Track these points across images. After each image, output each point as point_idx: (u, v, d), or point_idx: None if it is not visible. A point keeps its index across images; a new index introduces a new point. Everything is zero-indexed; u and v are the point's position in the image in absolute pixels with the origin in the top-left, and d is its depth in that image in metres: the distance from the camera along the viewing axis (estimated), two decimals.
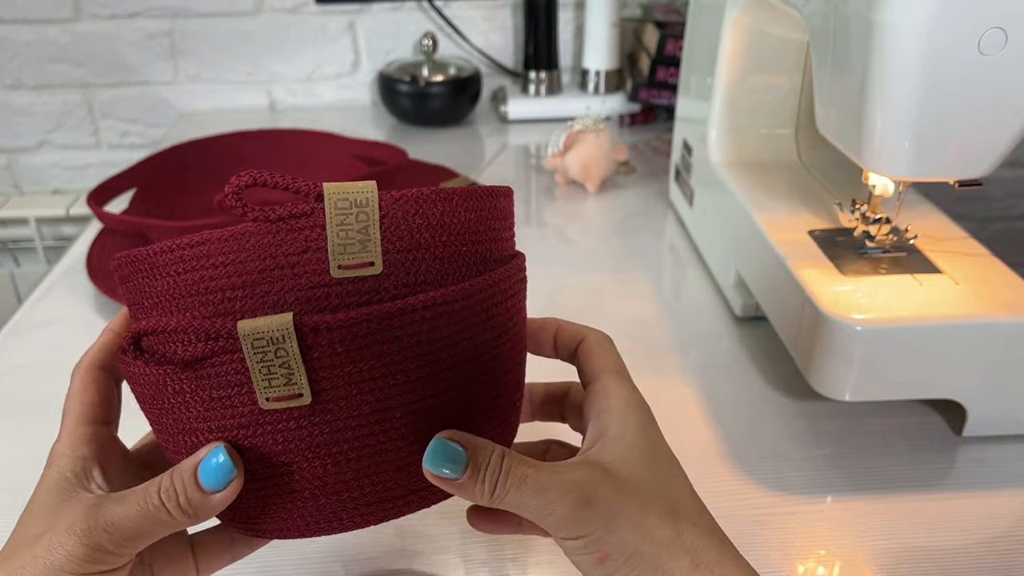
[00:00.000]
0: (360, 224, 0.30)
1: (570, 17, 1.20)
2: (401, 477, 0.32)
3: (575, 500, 0.31)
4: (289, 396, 0.30)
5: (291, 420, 0.30)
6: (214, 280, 0.30)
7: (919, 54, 0.45)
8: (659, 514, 0.31)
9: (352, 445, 0.31)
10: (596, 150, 0.90)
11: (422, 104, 1.11)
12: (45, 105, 1.18)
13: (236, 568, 0.47)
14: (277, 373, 0.29)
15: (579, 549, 0.31)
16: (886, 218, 0.59)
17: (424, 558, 0.47)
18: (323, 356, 0.29)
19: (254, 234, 0.30)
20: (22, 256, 1.27)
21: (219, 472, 0.30)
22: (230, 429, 0.31)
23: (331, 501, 0.32)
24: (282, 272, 0.30)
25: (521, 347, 0.36)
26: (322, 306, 0.30)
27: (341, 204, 0.30)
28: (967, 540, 0.48)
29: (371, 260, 0.30)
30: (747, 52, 0.71)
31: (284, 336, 0.29)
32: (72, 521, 0.30)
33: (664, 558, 0.31)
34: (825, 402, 0.58)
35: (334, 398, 0.30)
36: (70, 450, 0.33)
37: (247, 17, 1.15)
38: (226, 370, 0.30)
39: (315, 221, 0.30)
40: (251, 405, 0.30)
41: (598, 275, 0.77)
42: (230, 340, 0.29)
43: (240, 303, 0.30)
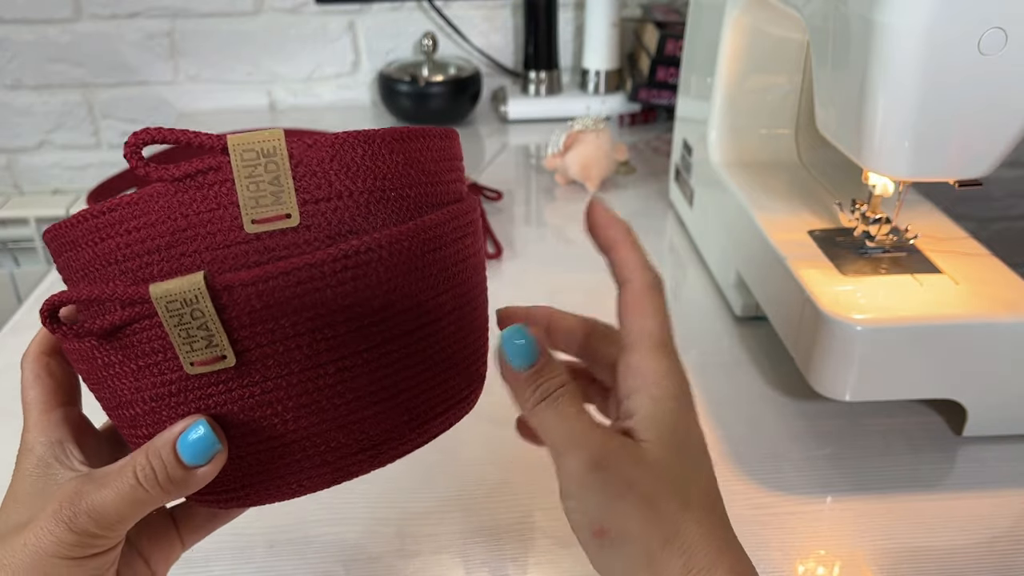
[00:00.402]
0: (270, 175, 0.28)
1: (570, 17, 1.20)
2: (344, 436, 0.31)
3: (590, 460, 0.30)
4: (213, 359, 0.28)
5: (219, 384, 0.29)
6: (129, 247, 0.29)
7: (919, 54, 0.45)
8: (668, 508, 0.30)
9: (286, 405, 0.29)
10: (596, 150, 0.90)
11: (422, 104, 1.11)
12: (45, 105, 1.18)
13: (236, 568, 0.47)
14: (197, 336, 0.28)
15: (577, 515, 0.31)
16: (886, 218, 0.59)
17: (424, 558, 0.47)
18: (241, 315, 0.28)
19: (162, 195, 0.28)
20: (22, 256, 1.27)
21: (201, 446, 0.29)
22: (163, 397, 0.30)
23: (276, 465, 0.31)
24: (195, 232, 0.28)
25: (474, 295, 0.34)
26: (240, 264, 0.28)
27: (247, 155, 0.28)
28: (967, 540, 0.48)
29: (287, 212, 0.28)
30: (747, 52, 0.71)
31: (197, 296, 0.27)
32: (58, 507, 0.30)
33: (659, 554, 0.30)
34: (825, 402, 0.58)
35: (259, 357, 0.29)
36: (44, 436, 0.33)
37: (247, 17, 1.15)
38: (147, 336, 0.28)
39: (223, 176, 0.28)
40: (178, 371, 0.29)
41: (598, 275, 0.76)
42: (145, 305, 0.28)
43: (157, 268, 0.29)
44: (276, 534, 0.49)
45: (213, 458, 0.30)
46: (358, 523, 0.50)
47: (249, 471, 0.31)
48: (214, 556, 0.47)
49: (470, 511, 0.50)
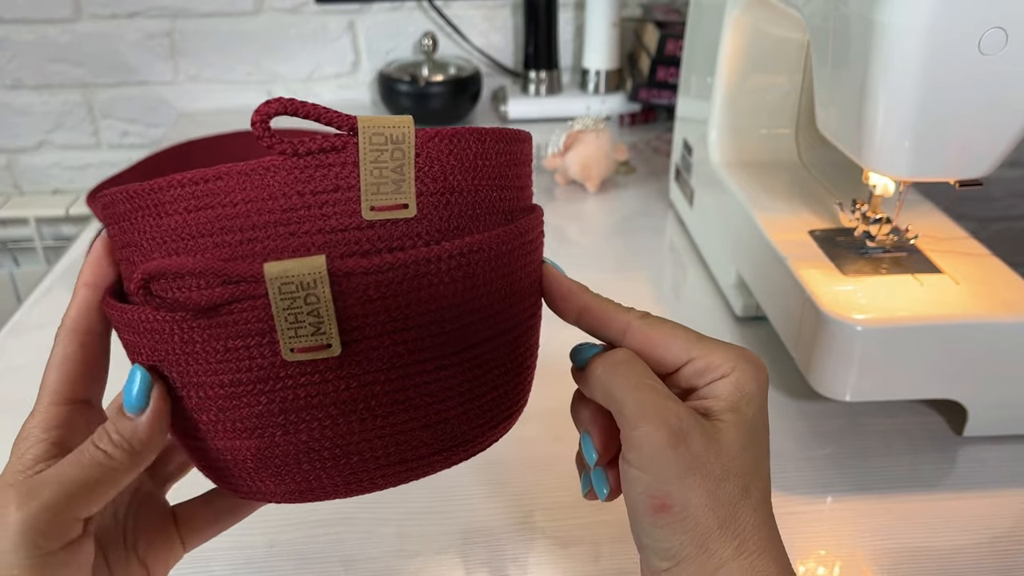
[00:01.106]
0: (395, 162, 0.27)
1: (570, 17, 1.20)
2: (426, 435, 0.30)
3: (668, 432, 0.29)
4: (317, 347, 0.27)
5: (316, 373, 0.27)
6: (232, 219, 0.27)
7: (919, 54, 0.45)
8: (733, 490, 0.30)
9: (380, 400, 0.28)
10: (596, 150, 0.90)
11: (422, 104, 1.11)
12: (45, 105, 1.18)
13: (236, 568, 0.47)
14: (305, 321, 0.26)
15: (642, 487, 0.30)
16: (886, 218, 0.59)
17: (424, 558, 0.47)
18: (356, 303, 0.27)
19: (280, 169, 0.27)
20: (22, 256, 1.27)
21: (134, 387, 0.28)
22: (244, 383, 0.28)
23: (351, 461, 0.29)
24: (309, 212, 0.27)
25: (539, 301, 0.34)
26: (351, 251, 0.27)
27: (376, 139, 0.27)
28: (967, 540, 0.48)
29: (405, 202, 0.27)
30: (747, 52, 0.71)
31: (316, 280, 0.26)
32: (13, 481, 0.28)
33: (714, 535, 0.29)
34: (825, 402, 0.58)
35: (365, 349, 0.27)
36: (41, 431, 0.30)
37: (247, 17, 1.15)
38: (247, 317, 0.27)
39: (347, 157, 0.27)
40: (272, 357, 0.27)
41: (598, 275, 0.76)
42: (254, 284, 0.26)
43: (261, 244, 0.27)
44: (276, 534, 0.49)
45: (151, 400, 0.28)
46: (358, 523, 0.50)
47: (323, 464, 0.29)
48: (214, 556, 0.47)
49: (470, 511, 0.50)
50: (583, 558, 0.47)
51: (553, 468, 0.53)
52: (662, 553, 0.30)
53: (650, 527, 0.30)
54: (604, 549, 0.47)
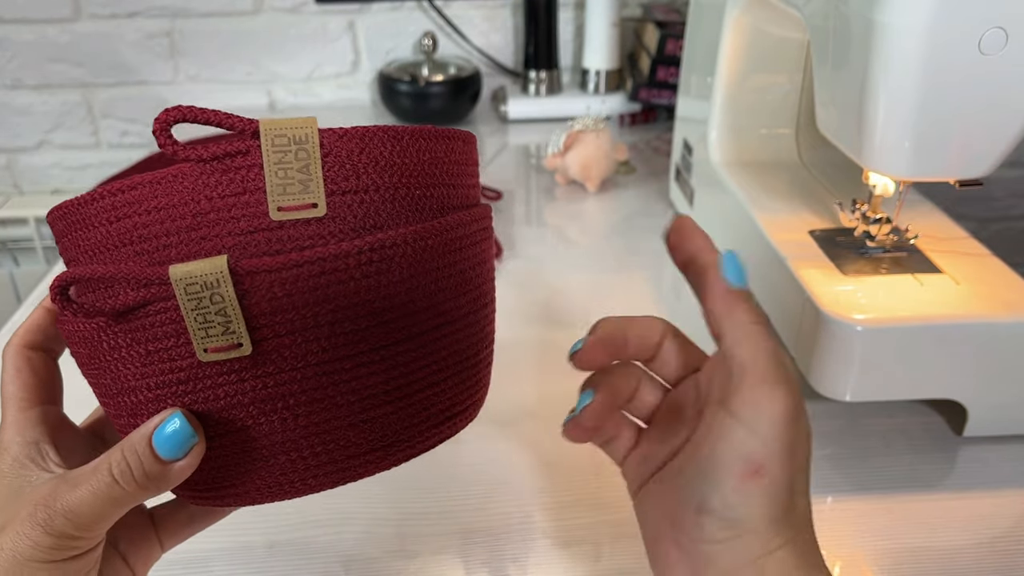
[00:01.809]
0: (300, 163, 0.28)
1: (570, 17, 1.20)
2: (354, 435, 0.30)
3: (793, 406, 0.29)
4: (228, 346, 0.27)
5: (232, 373, 0.28)
6: (147, 227, 0.28)
7: (919, 54, 0.45)
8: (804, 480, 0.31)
9: (299, 399, 0.29)
10: (596, 150, 0.90)
11: (422, 104, 1.11)
12: (45, 105, 1.18)
13: (235, 568, 0.47)
14: (214, 321, 0.27)
15: (745, 448, 0.29)
16: (887, 218, 0.59)
17: (424, 558, 0.47)
18: (262, 302, 0.27)
19: (187, 175, 0.28)
20: (22, 256, 1.27)
21: (177, 439, 0.28)
22: (169, 385, 0.29)
23: (280, 461, 0.30)
24: (218, 216, 0.28)
25: (486, 302, 0.34)
26: (263, 251, 0.28)
27: (279, 141, 0.28)
28: (968, 540, 0.48)
29: (313, 201, 0.28)
30: (747, 52, 0.71)
31: (219, 280, 0.26)
32: (33, 509, 0.29)
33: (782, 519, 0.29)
34: (825, 402, 0.58)
35: (276, 347, 0.28)
36: (20, 436, 0.32)
37: (247, 17, 1.15)
38: (160, 319, 0.27)
39: (252, 160, 0.28)
40: (189, 358, 0.28)
41: (598, 275, 0.76)
42: (163, 287, 0.27)
43: (176, 250, 0.28)
44: (276, 534, 0.49)
45: (190, 451, 0.29)
46: (358, 523, 0.50)
47: (253, 467, 0.30)
48: (214, 556, 0.47)
49: (470, 511, 0.50)
50: (583, 558, 0.47)
51: (553, 468, 0.53)
52: (730, 521, 0.29)
53: (731, 491, 0.29)
54: (604, 549, 0.47)
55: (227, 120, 0.28)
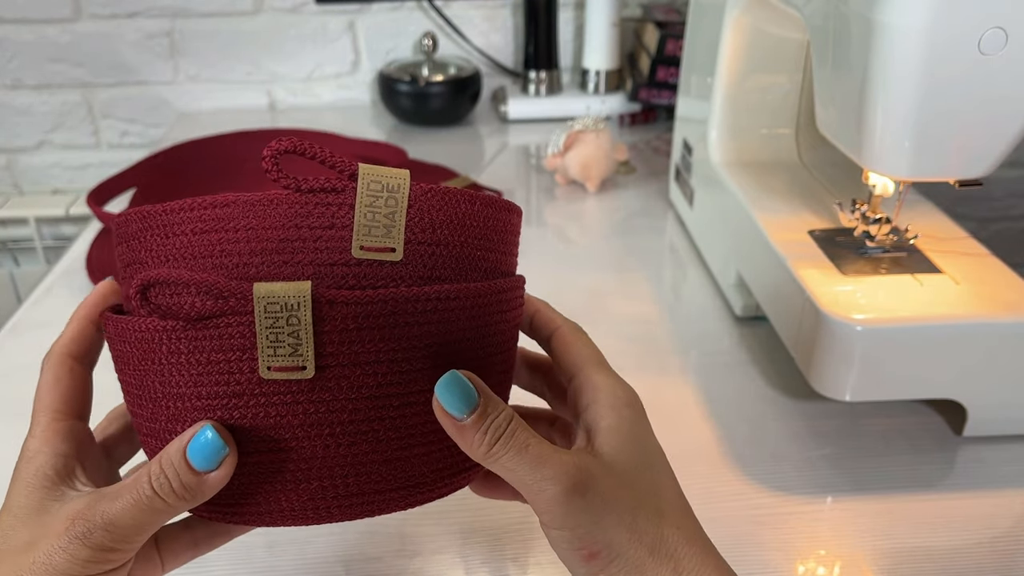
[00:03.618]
0: (388, 209, 0.30)
1: (570, 17, 1.20)
2: (386, 471, 0.31)
3: (569, 484, 0.30)
4: (292, 367, 0.29)
5: (288, 393, 0.29)
6: (233, 244, 0.29)
7: (919, 54, 0.45)
8: (648, 516, 0.31)
9: (346, 428, 0.30)
10: (596, 150, 0.90)
11: (422, 104, 1.11)
12: (45, 105, 1.18)
13: (235, 568, 0.47)
14: (284, 341, 0.28)
15: (566, 543, 0.31)
16: (886, 218, 0.59)
17: (424, 558, 0.47)
18: (333, 331, 0.29)
19: (283, 202, 0.29)
20: (22, 256, 1.27)
21: (209, 450, 0.29)
22: (221, 397, 0.30)
23: (311, 487, 0.31)
24: (304, 244, 0.29)
25: (512, 363, 0.36)
26: (338, 284, 0.29)
27: (374, 186, 0.30)
28: (967, 540, 0.48)
29: (393, 246, 0.30)
30: (747, 52, 0.71)
31: (300, 303, 0.28)
32: (70, 523, 0.29)
33: (649, 563, 0.30)
34: (825, 402, 0.58)
35: (336, 376, 0.29)
36: (49, 447, 0.32)
37: (247, 17, 1.15)
38: (231, 332, 0.29)
39: (345, 199, 0.30)
40: (249, 373, 0.29)
41: (598, 275, 0.76)
42: (242, 301, 0.28)
43: (256, 270, 0.29)
44: (276, 534, 0.49)
45: (222, 462, 0.29)
46: (358, 523, 0.50)
47: (284, 488, 0.31)
48: (214, 556, 0.47)
49: (470, 511, 0.50)
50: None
51: None
52: None
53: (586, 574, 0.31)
54: None
55: (331, 159, 0.30)
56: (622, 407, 0.33)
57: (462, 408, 0.30)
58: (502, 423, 0.30)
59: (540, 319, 0.37)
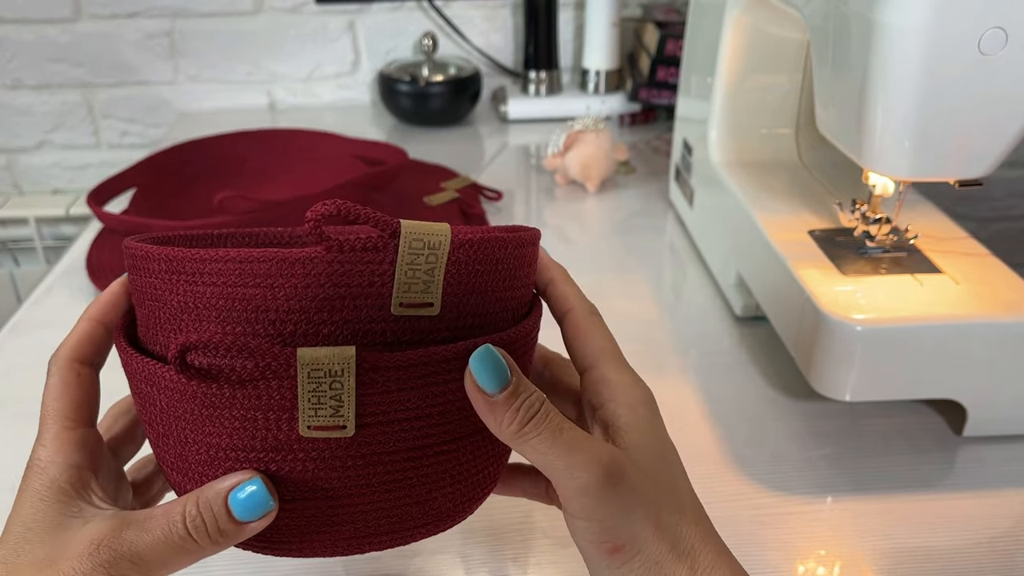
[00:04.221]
0: (428, 265, 0.29)
1: (570, 17, 1.20)
2: (416, 511, 0.32)
3: (603, 474, 0.29)
4: (333, 427, 0.29)
5: (327, 450, 0.29)
6: (269, 300, 0.28)
7: (919, 54, 0.45)
8: (670, 512, 0.30)
9: (382, 479, 0.31)
10: (596, 150, 0.90)
11: (422, 104, 1.11)
12: (45, 105, 1.18)
13: (236, 568, 0.47)
14: (326, 404, 0.28)
15: (591, 535, 0.30)
16: (886, 218, 0.59)
17: (424, 558, 0.47)
18: (376, 393, 0.29)
19: (322, 261, 0.28)
20: (22, 256, 1.27)
21: (254, 503, 0.29)
22: (258, 450, 0.29)
23: (345, 530, 0.32)
24: (343, 303, 0.29)
25: None
26: (375, 341, 0.29)
27: (415, 244, 0.29)
28: (967, 540, 0.48)
29: (431, 301, 0.30)
30: (747, 52, 0.71)
31: (344, 370, 0.28)
32: (95, 548, 0.28)
33: (668, 560, 0.30)
34: (825, 402, 0.58)
35: (376, 433, 0.30)
36: (61, 457, 0.30)
37: (247, 17, 1.15)
38: (272, 394, 0.29)
39: (385, 256, 0.29)
40: (288, 431, 0.29)
41: (598, 275, 0.76)
42: (284, 364, 0.28)
43: (293, 327, 0.28)
44: None
45: (265, 517, 0.29)
46: None
47: (319, 531, 0.31)
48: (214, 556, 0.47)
49: None
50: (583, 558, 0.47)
51: None
52: None
53: (607, 570, 0.30)
54: None
55: (374, 218, 0.29)
56: (639, 405, 0.32)
57: (496, 383, 0.29)
58: (535, 403, 0.29)
59: (554, 292, 0.36)
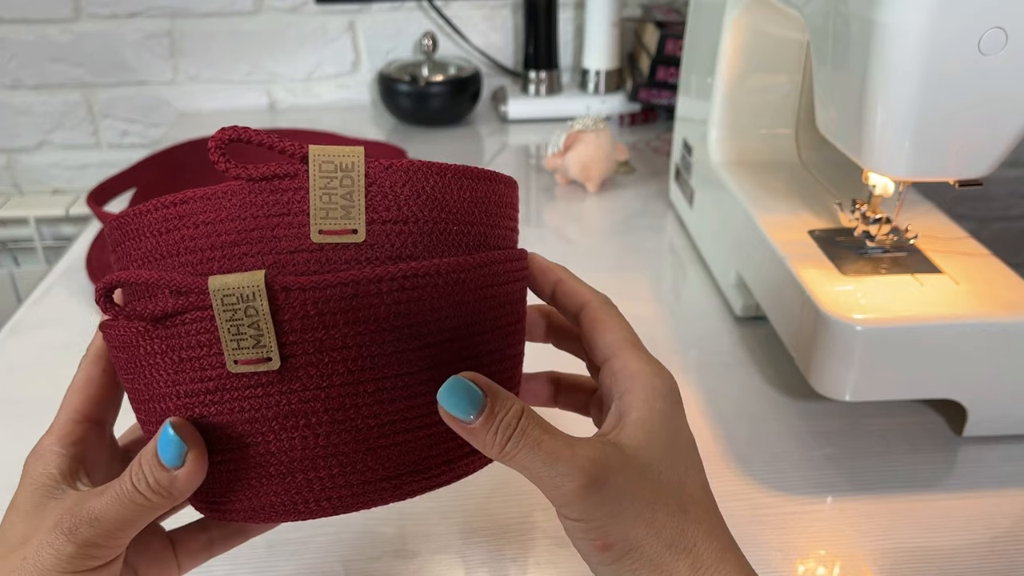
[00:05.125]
0: (344, 189, 0.29)
1: (570, 17, 1.20)
2: (371, 460, 0.30)
3: (586, 480, 0.29)
4: (258, 359, 0.28)
5: (259, 387, 0.29)
6: (194, 240, 0.29)
7: (919, 54, 0.45)
8: (668, 511, 0.30)
9: (321, 419, 0.29)
10: (596, 150, 0.90)
11: (422, 104, 1.11)
12: (45, 105, 1.18)
13: (236, 568, 0.47)
14: (246, 333, 0.28)
15: (581, 532, 0.30)
16: (886, 218, 0.59)
17: (424, 558, 0.47)
18: (294, 318, 0.28)
19: (236, 193, 0.29)
20: (22, 256, 1.27)
21: (171, 447, 0.29)
22: (197, 394, 0.30)
23: (297, 480, 0.30)
24: (262, 234, 0.29)
25: (513, 342, 0.35)
26: (301, 271, 0.29)
27: (326, 167, 0.29)
28: (967, 540, 0.48)
29: (354, 227, 0.29)
30: (747, 52, 0.71)
31: (254, 293, 0.28)
32: (58, 519, 0.29)
33: (665, 558, 0.30)
34: (825, 402, 0.58)
35: (303, 364, 0.29)
36: (60, 447, 0.32)
37: (247, 17, 1.15)
38: (196, 328, 0.29)
39: (299, 183, 0.29)
40: (219, 368, 0.29)
41: (598, 275, 0.76)
42: (201, 296, 0.28)
43: (218, 264, 0.29)
44: (276, 534, 0.49)
45: (186, 459, 0.29)
46: (358, 523, 0.50)
47: (270, 482, 0.31)
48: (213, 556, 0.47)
49: (470, 511, 0.50)
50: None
51: None
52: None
53: (600, 566, 0.31)
54: None
55: (279, 143, 0.29)
56: (656, 399, 0.32)
57: (467, 411, 0.29)
58: (511, 421, 0.29)
59: (564, 291, 0.36)
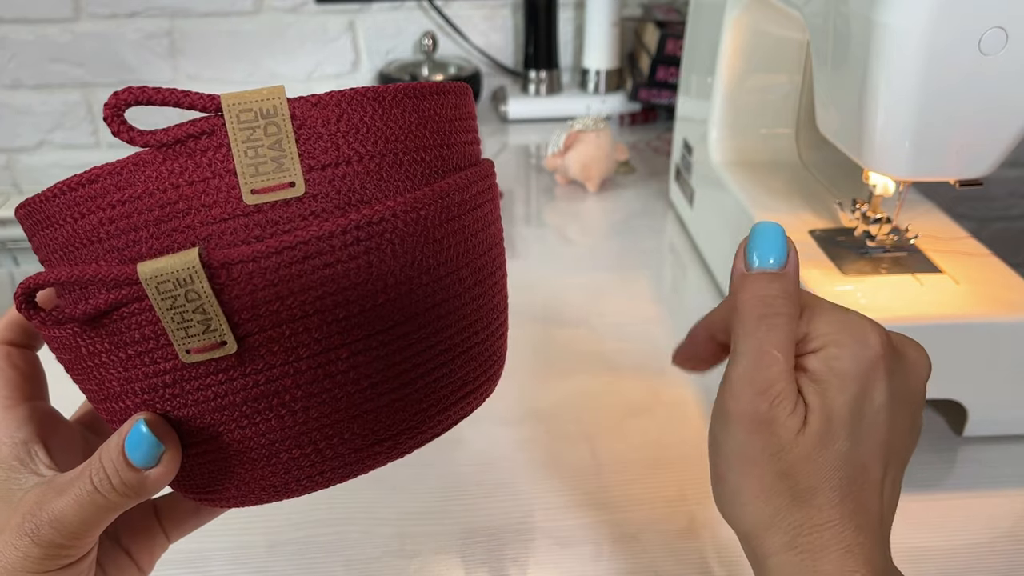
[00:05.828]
0: (271, 138, 0.25)
1: (570, 17, 1.20)
2: (358, 427, 0.28)
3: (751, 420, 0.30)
4: (211, 345, 0.25)
5: (219, 373, 0.26)
6: (114, 222, 0.26)
7: (919, 54, 0.45)
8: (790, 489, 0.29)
9: (294, 395, 0.26)
10: (596, 150, 0.90)
11: None
12: (45, 105, 1.18)
13: (235, 568, 0.47)
14: (192, 320, 0.25)
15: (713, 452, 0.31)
16: (887, 218, 0.59)
17: (424, 558, 0.47)
18: (242, 295, 0.25)
19: (149, 163, 0.25)
20: (22, 256, 1.27)
21: (144, 447, 0.27)
22: (155, 389, 0.27)
23: (283, 460, 0.28)
24: (187, 204, 0.25)
25: (494, 268, 0.32)
26: (240, 239, 0.25)
27: (245, 116, 0.25)
28: (967, 540, 0.48)
29: (290, 180, 0.25)
30: (747, 52, 0.71)
31: (192, 275, 0.24)
32: (21, 519, 0.28)
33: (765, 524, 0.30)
34: None
35: (264, 342, 0.25)
36: (7, 436, 0.30)
37: (247, 17, 1.15)
38: (136, 322, 0.25)
39: (218, 140, 0.25)
40: (172, 360, 0.26)
41: (598, 275, 0.76)
42: (134, 287, 0.25)
43: (146, 245, 0.25)
44: (276, 534, 0.49)
45: (160, 459, 0.27)
46: (358, 523, 0.50)
47: (254, 467, 0.28)
48: (214, 556, 0.47)
49: (470, 511, 0.50)
50: (583, 558, 0.47)
51: (553, 468, 0.53)
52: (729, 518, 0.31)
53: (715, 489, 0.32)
54: (604, 549, 0.47)
55: (185, 98, 0.26)
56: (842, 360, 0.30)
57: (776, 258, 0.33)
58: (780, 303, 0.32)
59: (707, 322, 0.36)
